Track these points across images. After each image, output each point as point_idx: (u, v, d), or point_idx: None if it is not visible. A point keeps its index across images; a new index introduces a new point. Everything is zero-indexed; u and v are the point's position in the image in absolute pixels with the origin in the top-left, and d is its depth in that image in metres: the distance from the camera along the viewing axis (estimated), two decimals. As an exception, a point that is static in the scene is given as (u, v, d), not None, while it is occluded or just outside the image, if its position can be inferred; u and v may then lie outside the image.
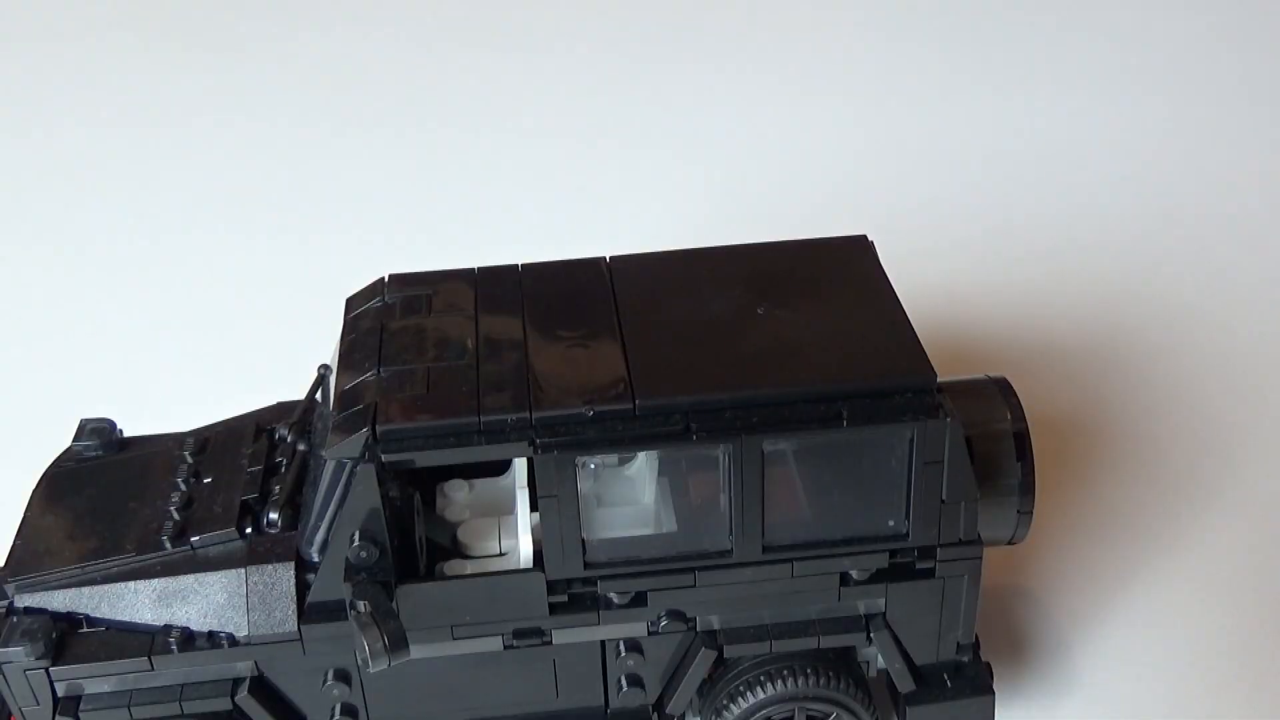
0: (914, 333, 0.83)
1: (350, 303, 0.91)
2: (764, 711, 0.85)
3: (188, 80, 1.82)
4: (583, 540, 0.80)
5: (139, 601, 0.81)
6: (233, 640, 0.80)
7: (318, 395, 0.91)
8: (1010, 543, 0.90)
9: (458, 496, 0.88)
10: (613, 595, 0.83)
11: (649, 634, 0.84)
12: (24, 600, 0.82)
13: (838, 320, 0.85)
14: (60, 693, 0.81)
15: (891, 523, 0.82)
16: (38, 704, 0.81)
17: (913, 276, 0.97)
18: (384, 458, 0.77)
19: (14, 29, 1.97)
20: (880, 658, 0.87)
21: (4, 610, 0.82)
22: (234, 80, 1.81)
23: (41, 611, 0.81)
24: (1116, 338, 1.30)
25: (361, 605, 0.76)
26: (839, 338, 0.83)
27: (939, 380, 0.80)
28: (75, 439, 0.94)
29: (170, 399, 1.25)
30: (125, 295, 1.42)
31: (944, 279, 1.35)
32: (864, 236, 0.92)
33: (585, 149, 1.63)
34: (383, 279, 0.91)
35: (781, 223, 1.38)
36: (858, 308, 0.86)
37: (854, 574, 0.83)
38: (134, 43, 1.91)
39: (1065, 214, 1.48)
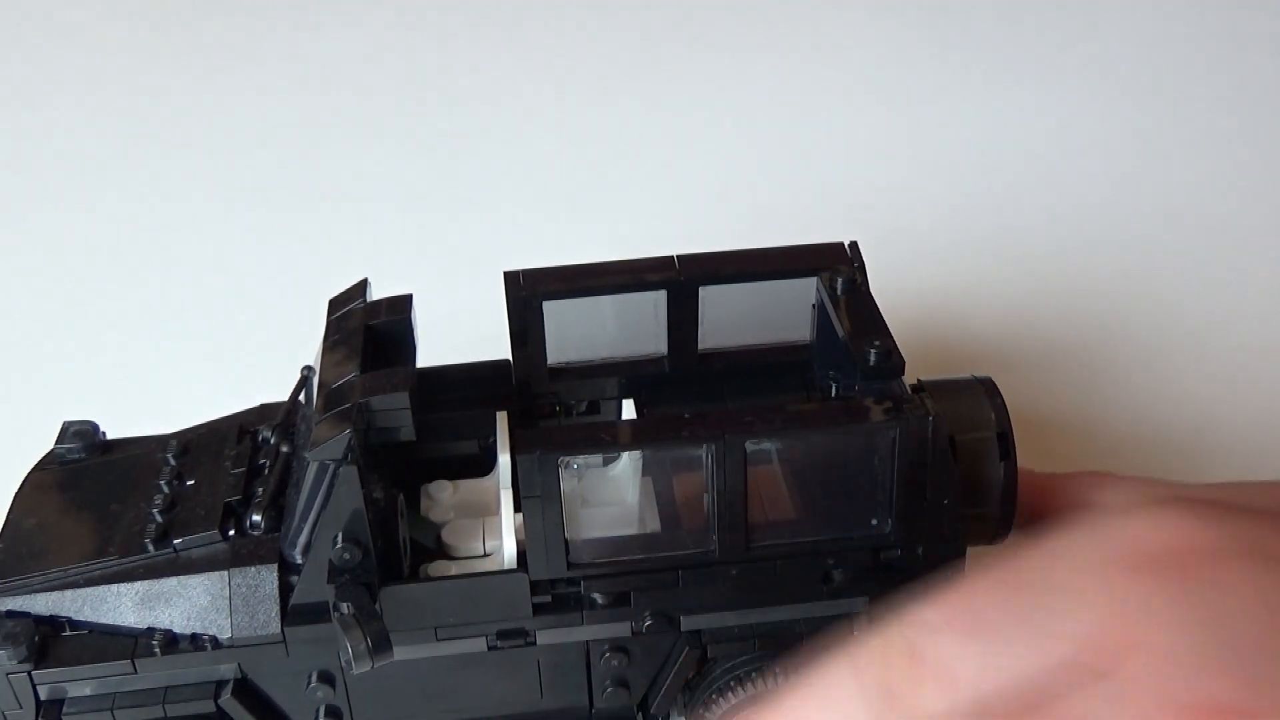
0: None
1: (333, 304, 0.91)
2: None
3: (175, 84, 1.81)
4: (566, 541, 0.81)
5: (122, 604, 0.81)
6: (216, 643, 0.80)
7: (301, 397, 0.91)
8: (993, 542, 0.90)
9: (442, 497, 0.88)
10: (596, 596, 0.83)
11: (633, 634, 0.84)
12: (6, 604, 0.81)
13: None
14: (43, 696, 0.81)
15: (875, 522, 0.82)
16: (20, 708, 0.81)
17: (902, 277, 0.98)
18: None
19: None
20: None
21: (-14, 614, 0.82)
22: (220, 84, 1.81)
23: (24, 615, 0.81)
24: (1102, 338, 1.30)
25: (345, 607, 0.76)
26: None
27: (924, 380, 0.81)
28: (58, 441, 0.93)
29: (153, 401, 1.24)
30: (108, 298, 1.42)
31: (932, 279, 1.35)
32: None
33: (583, 149, 1.63)
34: (365, 280, 0.91)
35: (781, 223, 1.39)
36: None
37: (837, 574, 0.83)
38: (120, 43, 1.90)
39: (1054, 216, 1.48)
